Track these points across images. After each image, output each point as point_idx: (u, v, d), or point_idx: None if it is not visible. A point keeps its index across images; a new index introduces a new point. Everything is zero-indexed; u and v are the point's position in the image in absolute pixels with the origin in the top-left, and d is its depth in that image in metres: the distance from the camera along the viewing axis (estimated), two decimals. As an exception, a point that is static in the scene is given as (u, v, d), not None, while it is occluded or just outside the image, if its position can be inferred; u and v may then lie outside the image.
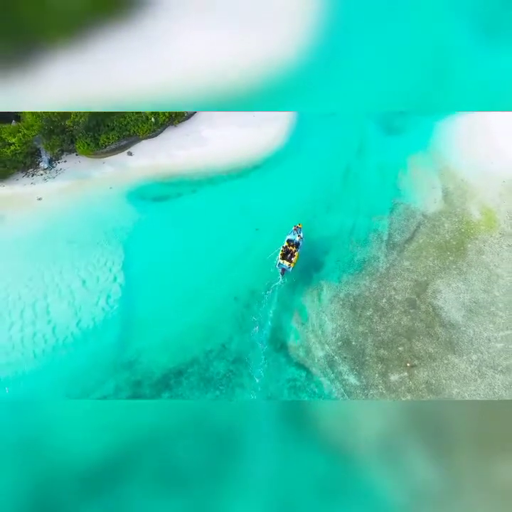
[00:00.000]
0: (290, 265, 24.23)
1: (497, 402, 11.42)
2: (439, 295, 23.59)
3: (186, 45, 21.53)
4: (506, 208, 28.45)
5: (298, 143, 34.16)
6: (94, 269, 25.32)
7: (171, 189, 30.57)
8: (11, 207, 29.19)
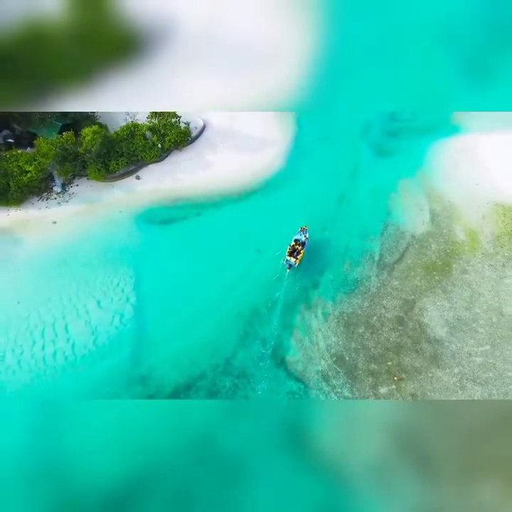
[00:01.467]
0: (296, 261, 27.66)
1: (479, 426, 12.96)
2: (425, 313, 25.78)
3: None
4: (489, 229, 30.73)
5: (294, 166, 36.42)
6: (108, 289, 27.42)
7: (177, 212, 32.73)
8: (28, 230, 31.29)
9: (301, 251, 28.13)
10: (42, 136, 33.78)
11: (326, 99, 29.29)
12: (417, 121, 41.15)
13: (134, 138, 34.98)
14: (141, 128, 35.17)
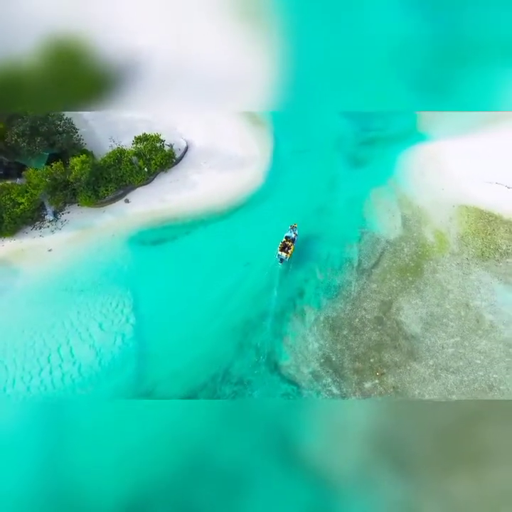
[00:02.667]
0: (287, 256, 31.11)
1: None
2: (402, 312, 28.45)
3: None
4: (455, 230, 33.75)
5: (275, 181, 38.76)
6: (108, 312, 29.08)
7: (167, 232, 34.56)
8: (25, 260, 32.58)
9: (292, 246, 31.56)
10: (31, 168, 35.10)
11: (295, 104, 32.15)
12: (387, 131, 44.19)
13: (120, 163, 36.64)
14: (128, 154, 36.86)
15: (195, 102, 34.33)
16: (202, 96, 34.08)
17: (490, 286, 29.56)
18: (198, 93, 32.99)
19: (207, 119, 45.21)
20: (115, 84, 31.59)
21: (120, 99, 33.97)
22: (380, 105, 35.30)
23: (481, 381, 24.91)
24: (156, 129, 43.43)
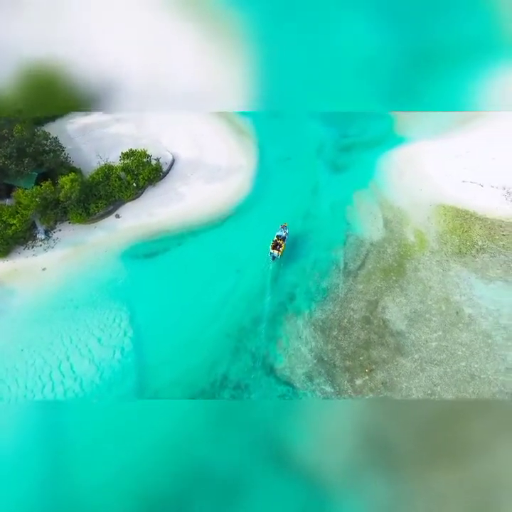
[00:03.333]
0: (279, 253, 33.13)
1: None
2: (387, 310, 30.04)
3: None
4: (434, 229, 35.60)
5: (261, 189, 40.11)
6: (106, 326, 29.87)
7: (159, 245, 35.51)
8: (20, 280, 33.11)
9: (283, 244, 33.63)
10: (20, 189, 35.61)
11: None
12: (365, 136, 46.03)
13: (109, 180, 37.45)
14: (116, 170, 37.67)
15: (175, 110, 35.86)
16: (180, 103, 35.03)
17: (468, 281, 31.41)
18: (176, 100, 34.12)
19: (191, 131, 46.33)
20: (94, 103, 32.35)
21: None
22: (352, 106, 37.13)
23: (463, 371, 26.63)
24: (142, 143, 44.41)
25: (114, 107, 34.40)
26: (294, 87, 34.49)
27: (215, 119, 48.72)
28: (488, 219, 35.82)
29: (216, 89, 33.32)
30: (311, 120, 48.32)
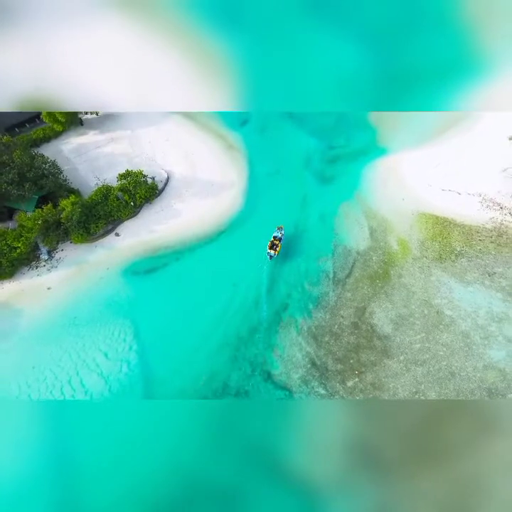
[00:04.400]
0: (275, 253, 36.40)
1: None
2: (374, 315, 32.32)
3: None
4: (416, 237, 38.01)
5: (253, 203, 42.15)
6: (112, 341, 31.70)
7: (158, 261, 37.38)
8: (26, 300, 34.74)
9: (279, 244, 36.90)
10: (23, 212, 37.26)
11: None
12: (350, 147, 48.33)
13: (107, 200, 39.22)
14: (114, 190, 39.45)
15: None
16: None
17: (448, 285, 33.85)
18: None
19: (183, 148, 48.25)
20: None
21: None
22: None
23: (445, 370, 29.01)
24: (136, 161, 46.30)
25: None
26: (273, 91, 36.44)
27: (206, 134, 50.70)
28: (466, 225, 38.35)
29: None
30: (299, 132, 50.55)
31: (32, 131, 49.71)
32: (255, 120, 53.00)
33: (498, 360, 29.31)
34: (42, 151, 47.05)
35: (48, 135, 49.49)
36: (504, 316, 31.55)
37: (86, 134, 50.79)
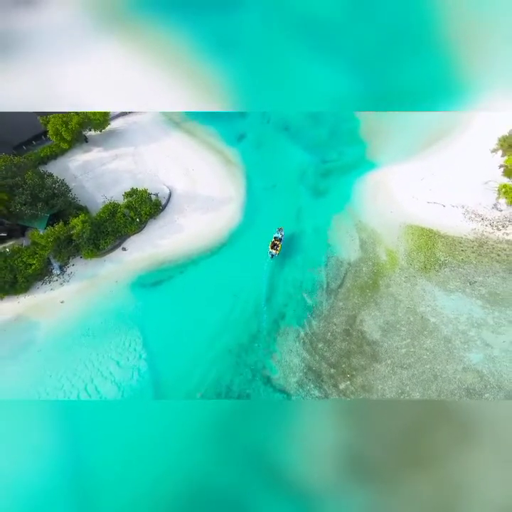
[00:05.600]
0: (276, 252, 40.18)
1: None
2: (364, 323, 35.14)
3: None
4: (403, 248, 40.88)
5: (251, 217, 44.88)
6: (123, 350, 34.36)
7: (163, 273, 40.05)
8: (41, 313, 37.33)
9: (279, 244, 40.69)
10: (36, 231, 39.82)
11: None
12: (341, 161, 51.14)
13: (114, 217, 41.83)
14: (120, 208, 42.08)
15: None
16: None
17: (432, 294, 36.73)
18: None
19: (184, 164, 50.90)
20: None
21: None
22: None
23: (428, 372, 31.86)
24: (140, 177, 48.96)
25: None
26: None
27: (205, 150, 53.35)
28: (450, 236, 41.26)
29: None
30: (293, 147, 53.33)
31: (39, 149, 52.25)
32: (252, 135, 55.73)
33: (476, 362, 32.20)
34: (49, 169, 49.62)
35: (55, 153, 52.05)
36: (483, 322, 34.45)
37: (91, 150, 53.37)
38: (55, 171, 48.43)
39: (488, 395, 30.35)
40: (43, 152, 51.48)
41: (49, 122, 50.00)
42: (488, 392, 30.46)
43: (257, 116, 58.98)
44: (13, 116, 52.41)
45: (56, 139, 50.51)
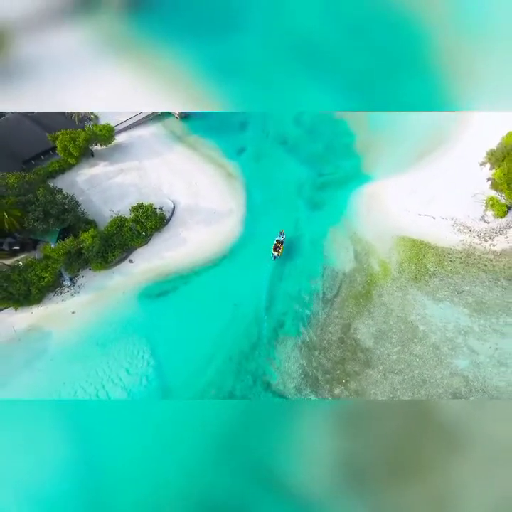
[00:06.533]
0: (278, 254, 43.40)
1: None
2: (358, 331, 37.41)
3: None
4: (395, 259, 43.19)
5: (251, 229, 47.16)
6: (132, 358, 36.61)
7: (168, 285, 42.32)
8: (53, 323, 39.59)
9: (281, 247, 44.08)
10: (47, 244, 42.11)
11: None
12: (337, 174, 53.50)
13: (121, 230, 44.12)
14: (127, 222, 44.37)
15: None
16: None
17: (422, 303, 39.03)
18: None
19: (186, 178, 53.24)
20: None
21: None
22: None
23: (417, 378, 34.13)
24: (145, 192, 51.32)
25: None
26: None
27: (206, 164, 55.68)
28: (439, 247, 43.59)
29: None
30: (291, 160, 55.68)
31: (48, 164, 54.55)
32: (251, 149, 58.05)
33: (462, 368, 34.48)
34: (58, 183, 51.92)
35: (63, 167, 54.35)
36: (469, 330, 36.75)
37: (97, 165, 55.68)
38: (63, 185, 50.70)
39: (472, 398, 32.60)
40: (52, 167, 53.75)
41: (57, 139, 52.32)
42: (473, 396, 32.72)
43: (256, 130, 61.33)
44: (23, 133, 54.83)
45: (64, 154, 52.81)
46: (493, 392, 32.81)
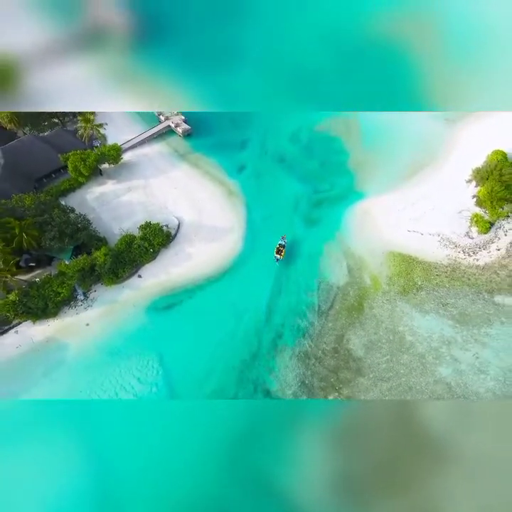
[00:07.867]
0: (281, 256, 47.52)
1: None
2: (350, 341, 40.61)
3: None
4: (385, 273, 46.44)
5: (251, 245, 50.43)
6: (142, 368, 39.78)
7: (175, 298, 45.53)
8: (69, 335, 42.79)
9: (283, 250, 48.29)
10: (62, 261, 45.38)
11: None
12: (332, 191, 56.84)
13: (131, 247, 47.39)
14: (136, 239, 47.65)
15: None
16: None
17: (410, 315, 42.25)
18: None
19: (190, 196, 56.58)
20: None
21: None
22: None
23: (404, 385, 37.29)
24: (151, 209, 54.65)
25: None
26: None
27: (208, 181, 59.03)
28: (426, 262, 46.86)
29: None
30: (289, 178, 59.05)
31: (59, 182, 57.95)
32: (251, 166, 61.39)
33: (445, 375, 37.66)
34: (69, 201, 55.29)
35: (73, 186, 57.75)
36: (453, 340, 39.96)
37: (105, 183, 59.06)
38: (74, 203, 54.08)
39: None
40: (63, 186, 57.14)
41: (68, 159, 55.76)
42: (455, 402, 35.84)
43: (255, 147, 64.73)
44: (35, 153, 58.21)
45: (75, 174, 56.23)
46: (473, 397, 35.97)
